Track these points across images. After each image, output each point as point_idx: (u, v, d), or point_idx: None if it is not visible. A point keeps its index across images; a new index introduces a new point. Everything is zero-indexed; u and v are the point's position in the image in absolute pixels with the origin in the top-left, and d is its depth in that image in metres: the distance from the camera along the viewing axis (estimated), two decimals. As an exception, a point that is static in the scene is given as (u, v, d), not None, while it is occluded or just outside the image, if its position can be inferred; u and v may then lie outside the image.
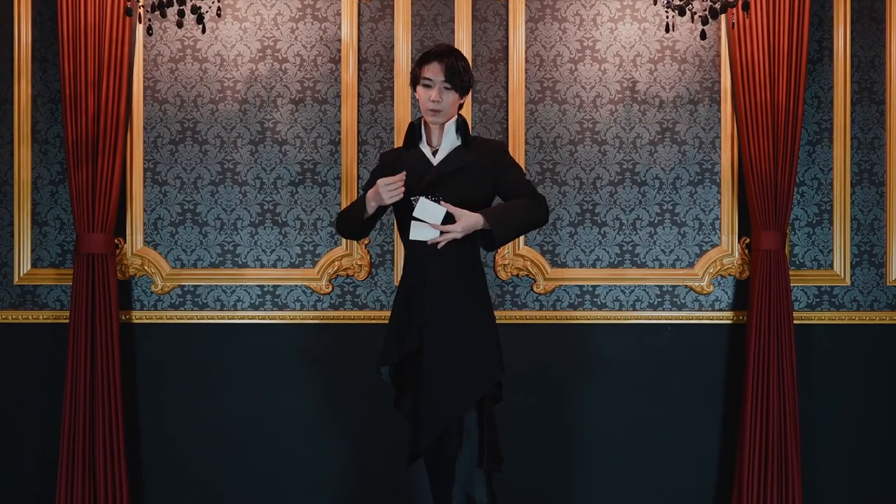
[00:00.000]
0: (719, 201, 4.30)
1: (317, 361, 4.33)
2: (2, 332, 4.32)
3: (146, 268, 4.31)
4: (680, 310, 4.31)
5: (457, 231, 3.32)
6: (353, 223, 3.54)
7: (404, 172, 3.40)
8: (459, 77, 3.42)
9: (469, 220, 3.33)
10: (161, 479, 4.32)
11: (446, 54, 3.43)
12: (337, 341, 4.32)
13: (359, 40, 4.30)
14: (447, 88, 3.41)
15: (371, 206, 3.43)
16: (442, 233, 3.34)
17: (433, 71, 3.41)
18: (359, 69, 4.30)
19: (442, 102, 3.42)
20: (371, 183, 3.54)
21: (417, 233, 3.35)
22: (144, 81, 4.30)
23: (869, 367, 4.33)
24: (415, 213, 3.33)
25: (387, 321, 3.68)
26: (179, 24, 3.76)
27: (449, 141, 3.46)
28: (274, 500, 4.33)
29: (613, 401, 4.33)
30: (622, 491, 4.32)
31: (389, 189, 3.37)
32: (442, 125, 3.47)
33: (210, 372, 4.33)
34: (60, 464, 4.17)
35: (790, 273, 4.26)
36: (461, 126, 3.46)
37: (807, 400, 4.31)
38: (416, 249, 3.45)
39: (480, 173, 3.44)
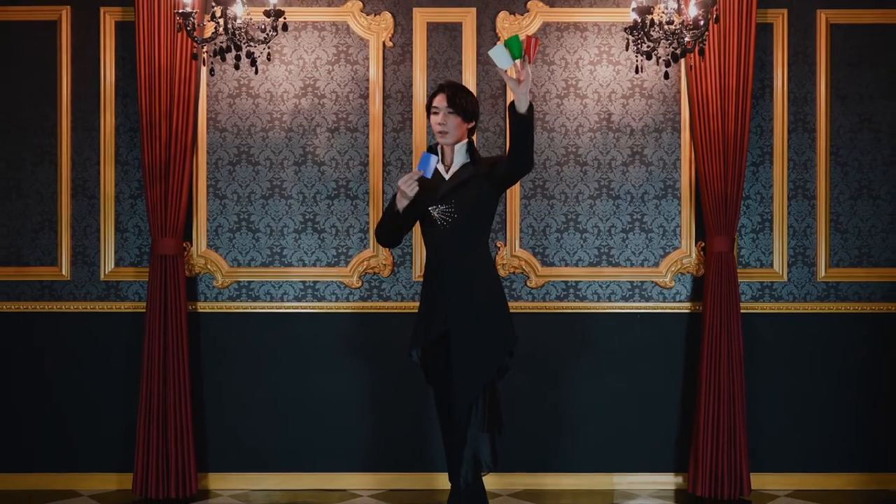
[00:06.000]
0: (679, 212, 4.65)
1: (350, 344, 4.62)
2: (91, 320, 4.64)
3: (209, 266, 4.66)
4: (647, 301, 4.66)
5: (527, 82, 3.46)
6: (388, 226, 3.79)
7: (417, 170, 3.69)
8: (460, 103, 3.74)
9: (527, 88, 3.47)
10: (219, 443, 4.65)
11: (448, 86, 3.79)
12: (366, 328, 4.61)
13: (384, 80, 4.64)
14: (450, 113, 3.75)
15: (402, 204, 3.72)
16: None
17: (438, 100, 3.78)
18: (384, 103, 4.64)
19: (447, 125, 3.74)
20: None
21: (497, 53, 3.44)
22: (207, 113, 4.63)
23: (802, 348, 4.66)
24: (491, 52, 3.46)
25: (407, 311, 4.04)
26: (236, 67, 4.00)
27: (459, 160, 3.80)
28: (312, 464, 4.64)
29: (594, 377, 4.63)
30: (600, 453, 4.64)
31: (407, 182, 3.67)
32: (452, 147, 3.78)
33: (261, 352, 4.63)
34: (139, 429, 4.48)
35: (738, 271, 4.57)
36: (469, 147, 3.82)
37: (752, 375, 4.60)
38: (433, 249, 3.77)
39: (481, 181, 3.76)
